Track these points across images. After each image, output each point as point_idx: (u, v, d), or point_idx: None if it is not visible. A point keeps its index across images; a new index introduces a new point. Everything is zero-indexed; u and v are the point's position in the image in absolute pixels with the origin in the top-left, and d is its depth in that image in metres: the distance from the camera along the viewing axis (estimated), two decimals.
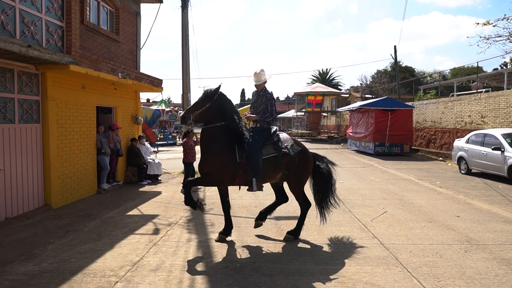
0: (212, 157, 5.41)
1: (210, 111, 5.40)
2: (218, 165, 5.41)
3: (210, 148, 5.44)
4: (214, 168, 5.42)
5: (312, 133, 34.23)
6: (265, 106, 5.74)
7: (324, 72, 53.72)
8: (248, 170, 5.43)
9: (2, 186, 6.48)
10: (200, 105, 5.37)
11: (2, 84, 6.42)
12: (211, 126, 5.45)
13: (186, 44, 13.84)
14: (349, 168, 14.45)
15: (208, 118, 5.44)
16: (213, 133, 5.46)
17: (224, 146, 5.44)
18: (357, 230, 6.28)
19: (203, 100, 5.41)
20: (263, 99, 5.76)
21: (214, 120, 5.44)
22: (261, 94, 5.81)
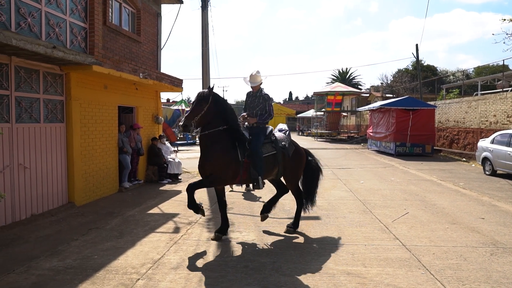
0: (214, 157, 5.42)
1: (209, 114, 5.36)
2: (221, 165, 5.43)
3: (211, 148, 5.43)
4: (217, 169, 5.44)
5: (332, 133, 33.96)
6: (262, 107, 5.95)
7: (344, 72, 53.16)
8: (251, 169, 5.57)
9: (28, 183, 6.67)
10: (198, 110, 5.28)
11: (28, 85, 6.61)
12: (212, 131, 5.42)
13: (206, 44, 13.91)
14: (370, 168, 14.26)
15: (207, 121, 5.39)
16: (213, 136, 5.45)
17: (226, 146, 5.47)
18: (378, 231, 6.18)
19: (199, 103, 5.32)
20: (260, 99, 5.98)
21: (214, 121, 5.43)
22: (257, 95, 6.00)
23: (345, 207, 7.88)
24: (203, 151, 5.55)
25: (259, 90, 6.05)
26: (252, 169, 5.56)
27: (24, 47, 5.52)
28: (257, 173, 5.55)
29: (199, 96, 5.38)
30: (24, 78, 6.49)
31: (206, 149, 5.49)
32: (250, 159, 5.55)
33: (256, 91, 6.04)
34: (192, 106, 5.32)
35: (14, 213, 6.38)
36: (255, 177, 5.57)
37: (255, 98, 6.01)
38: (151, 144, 11.46)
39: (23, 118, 6.51)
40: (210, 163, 5.43)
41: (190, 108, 5.32)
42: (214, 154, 5.42)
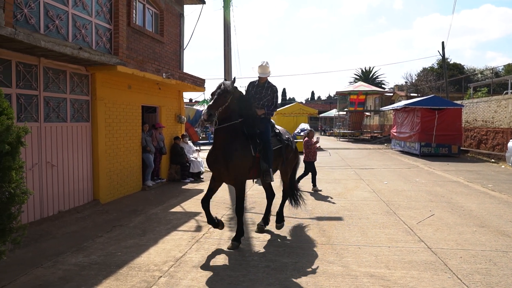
0: (236, 157, 5.16)
1: (230, 106, 5.14)
2: (244, 165, 5.27)
3: (230, 147, 5.17)
4: (240, 170, 5.25)
5: (355, 133, 33.52)
6: (270, 98, 5.86)
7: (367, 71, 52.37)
8: (261, 162, 5.47)
9: (55, 181, 6.86)
10: (222, 101, 4.99)
11: (56, 85, 6.79)
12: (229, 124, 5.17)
13: (228, 44, 13.94)
14: (393, 169, 13.98)
15: (227, 114, 5.13)
16: (230, 130, 5.20)
17: (243, 142, 5.30)
18: (402, 232, 6.04)
19: (223, 94, 5.02)
20: (269, 91, 5.87)
21: (232, 114, 5.19)
22: (266, 86, 5.89)
23: (368, 208, 7.74)
24: (220, 146, 5.24)
25: (265, 81, 5.90)
26: (263, 162, 5.45)
27: (52, 48, 5.68)
28: (268, 165, 5.47)
29: (223, 87, 5.07)
30: (52, 78, 6.68)
31: (224, 145, 5.20)
32: (260, 153, 5.45)
33: (264, 82, 5.90)
34: (216, 97, 5.00)
35: (42, 209, 6.58)
36: (266, 169, 5.45)
37: (262, 89, 5.87)
38: (174, 143, 11.59)
39: (51, 117, 6.70)
40: (232, 164, 5.16)
41: (213, 99, 5.01)
42: (235, 154, 5.17)
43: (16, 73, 5.97)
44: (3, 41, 5.19)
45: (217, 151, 5.26)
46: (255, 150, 5.37)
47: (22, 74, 6.07)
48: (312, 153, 9.81)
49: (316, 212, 7.45)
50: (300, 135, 21.19)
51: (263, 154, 5.46)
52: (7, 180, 2.75)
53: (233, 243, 5.30)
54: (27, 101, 6.19)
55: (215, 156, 5.28)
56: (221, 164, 5.21)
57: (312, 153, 9.81)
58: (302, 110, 25.12)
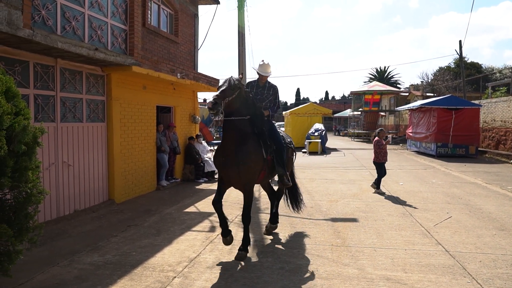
0: (249, 161, 4.86)
1: (237, 100, 4.83)
2: (256, 169, 4.99)
3: (242, 149, 4.86)
4: (251, 175, 4.96)
5: (369, 133, 33.12)
6: (272, 99, 5.71)
7: (382, 70, 51.76)
8: (276, 166, 5.29)
9: (72, 180, 6.95)
10: (229, 93, 4.69)
11: (72, 86, 6.88)
12: (238, 119, 4.86)
13: (242, 44, 13.93)
14: (409, 170, 13.75)
15: (233, 109, 4.82)
16: (240, 129, 4.89)
17: (255, 144, 5.02)
18: (419, 235, 5.92)
19: (230, 88, 4.72)
20: (270, 91, 5.70)
21: (240, 111, 4.89)
22: (267, 86, 5.71)
23: (383, 209, 7.63)
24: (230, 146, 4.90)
25: (266, 81, 5.70)
26: (278, 166, 5.26)
27: (69, 49, 5.75)
28: (283, 169, 5.30)
29: (231, 81, 4.79)
30: (68, 79, 6.77)
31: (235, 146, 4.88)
32: (272, 156, 5.25)
33: (264, 82, 5.69)
34: (222, 88, 4.70)
35: (59, 208, 6.66)
36: (282, 173, 5.28)
37: (264, 90, 5.66)
38: (188, 143, 11.64)
39: (67, 117, 6.79)
40: (245, 167, 4.84)
41: (219, 90, 4.70)
42: (246, 156, 4.85)
43: (34, 74, 6.06)
44: (21, 43, 5.28)
45: (227, 152, 4.92)
46: (267, 153, 5.14)
47: (40, 75, 6.17)
48: (383, 153, 9.31)
49: (331, 213, 7.37)
50: (315, 135, 21.07)
51: (277, 157, 5.27)
52: (23, 180, 2.78)
53: (240, 253, 4.92)
54: (44, 101, 6.28)
55: (225, 158, 4.93)
56: (232, 167, 4.86)
57: (383, 154, 9.31)
58: (316, 110, 24.94)
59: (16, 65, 5.74)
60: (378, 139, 9.47)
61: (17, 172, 2.73)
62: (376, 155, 9.44)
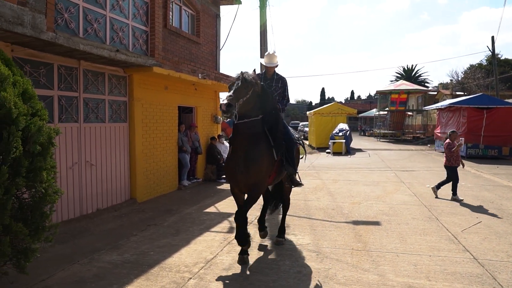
0: (259, 161, 4.55)
1: (251, 99, 4.47)
2: (265, 170, 4.66)
3: (253, 150, 4.54)
4: (262, 176, 4.62)
5: (396, 133, 32.37)
6: (281, 92, 5.35)
7: (409, 69, 50.49)
8: (286, 165, 4.95)
9: (94, 179, 7.08)
10: (243, 92, 4.33)
11: (95, 87, 7.01)
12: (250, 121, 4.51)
13: (265, 43, 13.88)
14: (437, 171, 13.28)
15: (247, 109, 4.45)
16: (252, 130, 4.56)
17: (266, 145, 4.69)
18: (445, 240, 5.66)
19: (243, 86, 4.36)
20: (279, 83, 5.34)
21: (253, 111, 4.54)
22: (275, 78, 5.35)
23: (408, 212, 7.37)
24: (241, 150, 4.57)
25: (274, 73, 5.36)
26: (288, 165, 4.95)
27: (91, 51, 5.85)
28: (294, 169, 5.02)
29: (245, 79, 4.41)
30: (91, 80, 6.90)
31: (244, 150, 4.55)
32: (283, 155, 4.93)
33: (271, 74, 5.35)
34: (235, 88, 4.33)
35: (81, 207, 6.80)
36: (292, 174, 5.01)
37: (272, 82, 5.30)
38: (210, 143, 11.68)
39: (90, 118, 6.93)
40: (255, 168, 4.53)
41: (233, 90, 4.33)
42: (257, 157, 4.54)
43: (58, 76, 6.21)
44: (45, 45, 5.41)
45: (238, 156, 4.58)
46: (277, 153, 4.79)
47: (63, 76, 6.31)
48: (455, 157, 8.76)
49: (353, 216, 7.19)
50: (339, 135, 20.75)
51: (288, 156, 4.96)
52: (38, 180, 2.82)
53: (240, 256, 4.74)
54: (68, 102, 6.43)
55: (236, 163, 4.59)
56: (242, 171, 4.54)
57: (455, 157, 8.75)
58: (341, 110, 24.57)
59: (41, 67, 5.89)
60: (449, 142, 8.86)
61: (32, 172, 2.77)
62: (447, 158, 8.86)
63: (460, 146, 8.70)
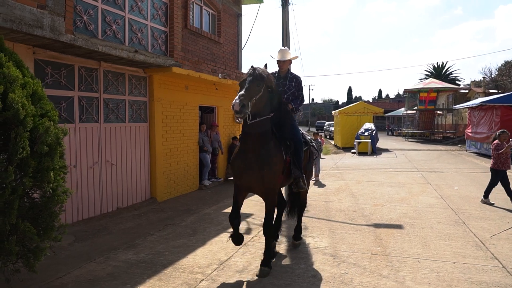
0: (272, 163, 4.36)
1: (264, 97, 4.24)
2: (279, 171, 4.47)
3: (265, 150, 4.34)
4: (275, 178, 4.44)
5: (425, 133, 31.39)
6: (295, 90, 5.08)
7: (439, 66, 48.82)
8: (292, 167, 4.73)
9: (114, 179, 7.18)
10: (255, 90, 4.09)
11: (115, 87, 7.11)
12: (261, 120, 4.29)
13: (287, 42, 13.68)
14: (466, 172, 12.74)
15: (260, 106, 4.23)
16: (262, 129, 4.34)
17: (276, 144, 4.49)
18: (471, 247, 5.36)
19: (255, 83, 4.11)
20: (293, 82, 5.09)
21: (265, 109, 4.33)
22: (289, 77, 5.11)
23: (433, 216, 7.07)
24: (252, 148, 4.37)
25: (287, 71, 5.15)
26: (294, 167, 4.72)
27: (109, 52, 5.93)
28: (300, 171, 4.81)
29: (255, 75, 4.17)
30: (111, 81, 7.00)
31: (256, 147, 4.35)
32: (291, 156, 4.73)
33: (285, 72, 5.13)
34: (247, 85, 4.08)
35: (102, 206, 6.92)
36: (298, 176, 4.79)
37: (285, 81, 5.08)
38: (232, 143, 11.66)
39: (110, 118, 7.03)
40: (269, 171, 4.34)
41: (244, 87, 4.07)
42: (269, 158, 4.34)
43: (78, 77, 6.33)
44: (64, 47, 5.52)
45: (249, 155, 4.39)
46: (286, 153, 4.63)
47: (84, 77, 6.43)
48: (504, 159, 8.07)
49: (374, 218, 6.97)
50: (364, 135, 20.31)
51: (295, 158, 4.75)
52: (46, 180, 2.84)
53: (262, 269, 4.41)
54: (88, 103, 6.54)
55: (246, 161, 4.40)
56: (254, 170, 4.34)
57: (503, 160, 8.07)
58: (367, 109, 24.05)
59: (62, 69, 6.02)
60: (498, 143, 8.23)
61: (39, 173, 2.80)
62: (494, 160, 8.20)
63: (510, 147, 8.00)
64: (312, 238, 5.82)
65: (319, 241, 5.68)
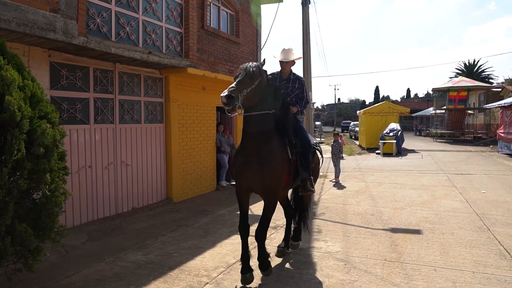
0: (273, 159, 4.13)
1: (258, 91, 4.02)
2: (281, 170, 4.25)
3: (265, 147, 4.13)
4: (277, 177, 4.20)
5: (455, 134, 30.28)
6: (299, 92, 4.88)
7: (471, 64, 46.99)
8: (300, 169, 4.52)
9: (130, 179, 7.27)
10: (247, 83, 3.90)
11: (130, 89, 7.19)
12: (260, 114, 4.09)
13: (307, 41, 13.53)
14: (496, 175, 12.14)
15: (254, 102, 4.02)
16: (263, 125, 4.14)
17: (280, 142, 4.31)
18: (494, 255, 5.05)
19: (247, 76, 3.95)
20: (296, 83, 4.88)
21: (261, 104, 4.11)
22: (292, 79, 4.89)
23: (455, 221, 6.74)
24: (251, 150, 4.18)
25: (290, 72, 4.93)
26: (301, 169, 4.53)
27: (122, 54, 5.99)
28: (308, 173, 4.61)
29: (248, 69, 4.01)
30: (126, 82, 7.09)
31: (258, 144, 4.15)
32: (298, 157, 4.55)
33: (288, 73, 4.92)
34: (239, 79, 3.92)
35: (117, 206, 7.01)
36: (306, 178, 4.59)
37: (288, 82, 4.87)
38: None
39: (125, 119, 7.11)
40: (269, 169, 4.11)
41: (236, 81, 3.93)
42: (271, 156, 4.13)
43: (94, 79, 6.43)
44: (78, 50, 5.61)
45: (249, 151, 4.20)
46: (292, 153, 4.43)
47: (99, 79, 6.53)
48: None
49: (392, 222, 6.72)
50: (389, 135, 19.78)
51: (302, 158, 4.56)
52: (43, 182, 2.87)
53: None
54: (103, 104, 6.64)
55: (246, 159, 4.20)
56: (253, 168, 4.14)
57: None
58: (392, 108, 23.41)
59: (77, 71, 6.14)
60: None
61: (35, 174, 2.83)
62: None
63: None
64: (324, 242, 5.67)
65: (332, 246, 5.52)
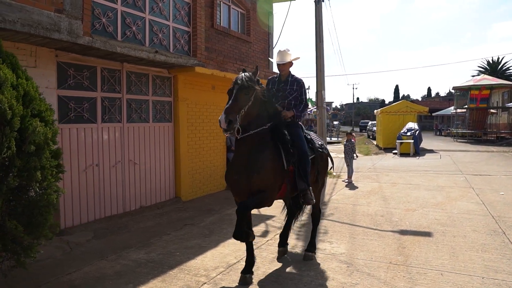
0: (263, 169, 4.00)
1: (255, 106, 3.94)
2: (272, 179, 4.10)
3: (258, 155, 4.03)
4: (267, 184, 4.04)
5: (476, 133, 29.39)
6: (297, 95, 4.67)
7: (495, 62, 45.49)
8: (297, 179, 4.34)
9: (138, 178, 7.31)
10: (243, 100, 3.79)
11: (138, 88, 7.23)
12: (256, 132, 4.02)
13: (320, 40, 13.35)
14: None
15: (251, 118, 3.95)
16: (258, 139, 4.07)
17: (273, 151, 4.16)
18: (507, 260, 4.83)
19: (243, 91, 3.82)
20: (294, 86, 4.68)
21: (258, 118, 4.03)
22: (290, 81, 4.69)
23: (469, 223, 6.50)
24: (242, 157, 4.08)
25: (289, 74, 4.74)
26: (299, 179, 4.33)
27: (128, 53, 6.02)
28: (306, 183, 4.41)
29: (243, 83, 3.85)
30: (134, 81, 7.13)
31: (248, 155, 4.03)
32: (295, 166, 4.35)
33: (286, 75, 4.73)
34: (234, 96, 3.79)
35: (125, 204, 7.06)
36: (304, 189, 4.40)
37: (286, 85, 4.69)
38: None
39: (133, 118, 7.16)
40: (259, 176, 3.98)
41: (231, 99, 3.80)
42: (263, 164, 4.00)
43: (101, 78, 6.49)
44: (84, 49, 5.67)
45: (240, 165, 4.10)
46: (289, 163, 4.24)
47: (106, 78, 6.58)
48: None
49: (402, 224, 6.54)
50: (407, 135, 19.38)
51: (300, 168, 4.35)
52: (34, 179, 2.89)
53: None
54: (111, 103, 6.70)
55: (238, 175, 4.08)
56: (242, 176, 4.03)
57: None
58: (409, 108, 22.92)
59: (84, 71, 6.20)
60: None
61: (26, 172, 2.85)
62: None
63: None
64: (329, 244, 5.55)
65: (336, 247, 5.40)
